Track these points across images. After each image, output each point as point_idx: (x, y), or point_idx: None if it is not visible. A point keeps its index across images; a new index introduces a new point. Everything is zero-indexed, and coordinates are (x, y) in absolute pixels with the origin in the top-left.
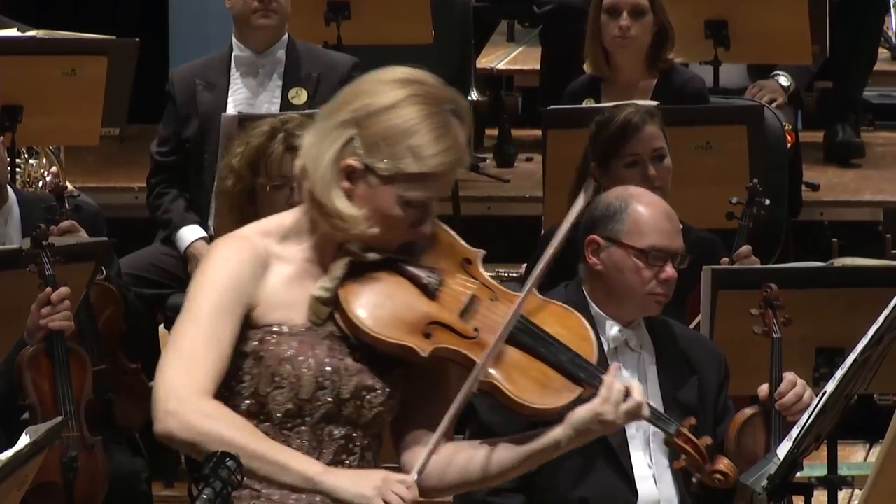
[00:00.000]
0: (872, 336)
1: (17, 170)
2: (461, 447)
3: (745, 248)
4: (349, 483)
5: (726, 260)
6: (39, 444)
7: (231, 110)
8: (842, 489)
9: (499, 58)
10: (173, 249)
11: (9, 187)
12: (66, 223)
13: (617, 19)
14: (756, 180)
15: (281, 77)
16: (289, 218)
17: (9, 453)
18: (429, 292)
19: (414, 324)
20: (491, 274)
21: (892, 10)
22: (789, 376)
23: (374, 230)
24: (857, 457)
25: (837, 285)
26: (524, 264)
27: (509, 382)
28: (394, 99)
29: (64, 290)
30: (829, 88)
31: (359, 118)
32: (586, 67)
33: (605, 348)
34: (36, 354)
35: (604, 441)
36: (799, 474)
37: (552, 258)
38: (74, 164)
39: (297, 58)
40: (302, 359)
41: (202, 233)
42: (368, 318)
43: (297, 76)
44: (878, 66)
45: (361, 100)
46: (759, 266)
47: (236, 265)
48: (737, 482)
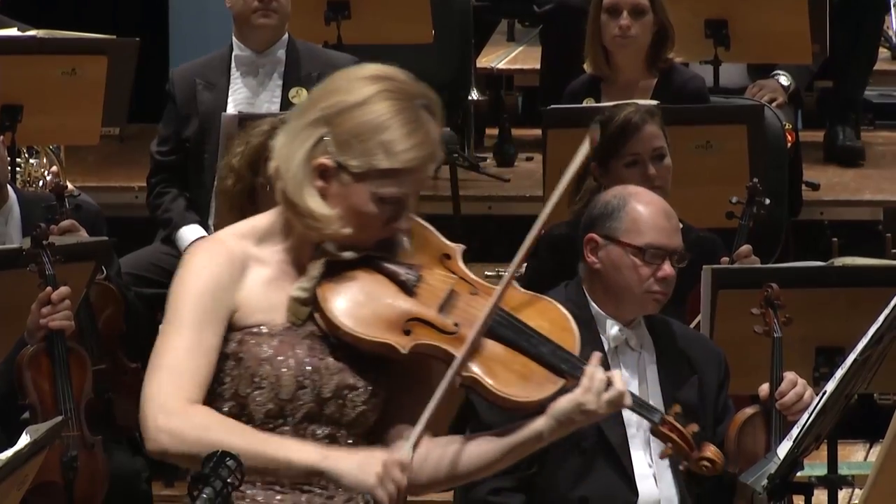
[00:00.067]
0: (872, 335)
1: (18, 169)
2: (444, 442)
3: (746, 248)
4: (352, 469)
5: (726, 259)
6: (39, 443)
7: (231, 110)
8: (842, 489)
9: (499, 57)
10: (173, 249)
11: (9, 187)
12: (67, 223)
13: (617, 19)
14: (756, 180)
15: (281, 77)
16: (265, 219)
17: (9, 453)
18: (407, 289)
19: (393, 321)
20: (491, 273)
21: (892, 9)
22: (790, 376)
23: (348, 230)
24: (857, 456)
25: (837, 285)
26: (524, 264)
27: (491, 376)
28: (364, 95)
29: (64, 290)
30: (829, 88)
31: (329, 116)
32: (586, 67)
33: (606, 347)
34: (36, 354)
35: (604, 440)
36: (799, 474)
37: (533, 242)
38: (74, 164)
39: (297, 57)
40: (281, 359)
41: (202, 232)
42: (347, 316)
43: (298, 76)
44: (879, 66)
45: (331, 98)
46: (760, 266)
47: (213, 272)
48: (724, 471)
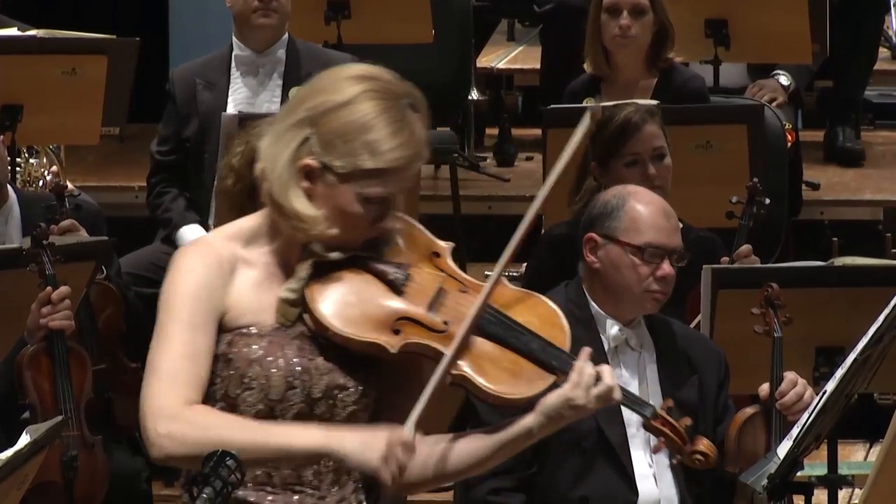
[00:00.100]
0: (872, 335)
1: (18, 169)
2: (434, 441)
3: (746, 248)
4: (356, 448)
5: (726, 259)
6: (39, 443)
7: (231, 110)
8: (842, 488)
9: (499, 57)
10: (173, 249)
11: (9, 186)
12: (67, 222)
13: (617, 18)
14: (756, 179)
15: (281, 76)
16: (252, 221)
17: (9, 452)
18: (396, 288)
19: (382, 320)
20: (491, 273)
21: (892, 9)
22: (790, 376)
23: (334, 230)
24: (857, 456)
25: (838, 284)
26: (524, 263)
27: (481, 374)
28: (349, 95)
29: (64, 290)
30: (829, 88)
31: (313, 117)
32: (586, 67)
33: (606, 347)
34: (36, 354)
35: (604, 440)
36: (799, 473)
37: (527, 232)
38: (74, 164)
39: (297, 57)
40: (271, 359)
41: (202, 232)
42: (336, 317)
43: (298, 75)
44: (879, 66)
45: (316, 98)
46: (760, 265)
47: (202, 275)
48: (724, 470)
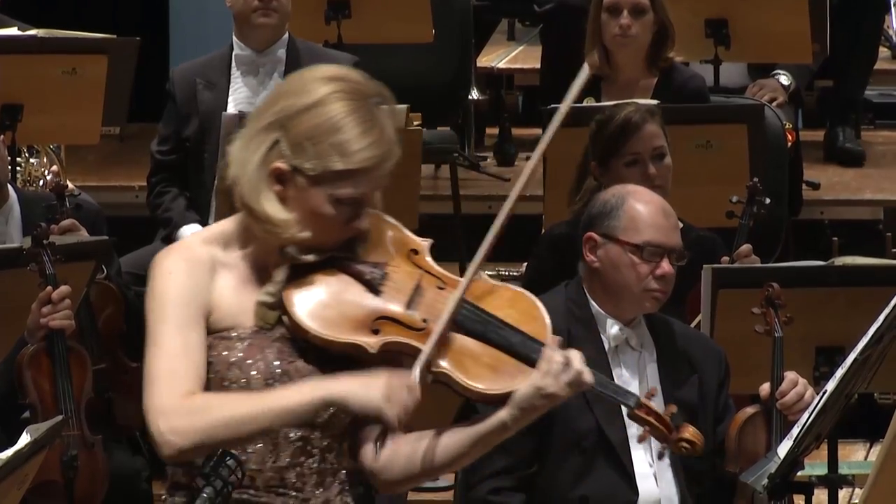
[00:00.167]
0: (873, 335)
1: (18, 168)
2: (414, 438)
3: (746, 247)
4: (356, 390)
5: (726, 259)
6: (40, 442)
7: (231, 109)
8: (842, 488)
9: (499, 57)
10: None
11: (9, 186)
12: (67, 222)
13: (617, 18)
14: (756, 179)
15: (281, 76)
16: (229, 225)
17: (9, 452)
18: (373, 287)
19: (360, 320)
20: (491, 273)
21: (892, 9)
22: (790, 375)
23: (306, 233)
24: (857, 456)
25: (838, 284)
26: (524, 263)
27: (461, 371)
28: (317, 97)
29: (64, 289)
30: (829, 88)
31: (282, 119)
32: None
33: (606, 347)
34: (36, 353)
35: (605, 440)
36: (800, 473)
37: (506, 221)
38: (75, 163)
39: (297, 56)
40: (250, 362)
41: None
42: (314, 319)
43: None
44: (879, 65)
45: (285, 101)
46: (760, 265)
47: (185, 275)
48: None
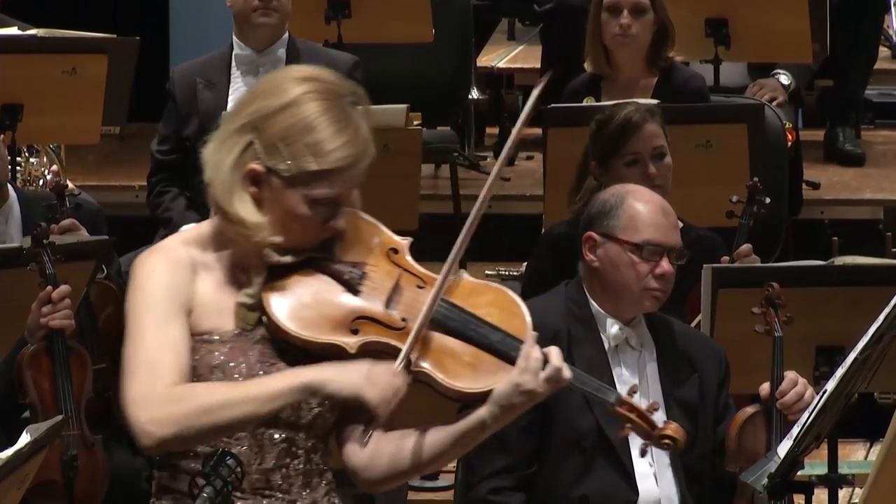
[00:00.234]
0: (873, 335)
1: (18, 168)
2: (398, 436)
3: (746, 247)
4: (335, 373)
5: (727, 258)
6: (40, 442)
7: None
8: (842, 487)
9: (499, 56)
10: None
11: (9, 186)
12: (67, 222)
13: (617, 17)
14: (756, 179)
15: None
16: (209, 226)
17: (9, 452)
18: (352, 287)
19: (339, 321)
20: (491, 273)
21: (892, 9)
22: (790, 375)
23: (277, 238)
24: (857, 455)
25: (838, 284)
26: (524, 263)
27: (441, 370)
28: (289, 97)
29: (64, 289)
30: (829, 87)
31: (256, 121)
32: (587, 66)
33: (606, 346)
34: (36, 353)
35: (605, 439)
36: (800, 473)
37: (474, 223)
38: (75, 163)
39: (297, 56)
40: (233, 365)
41: None
42: (293, 320)
43: None
44: (879, 65)
45: (257, 102)
46: (760, 265)
47: (166, 273)
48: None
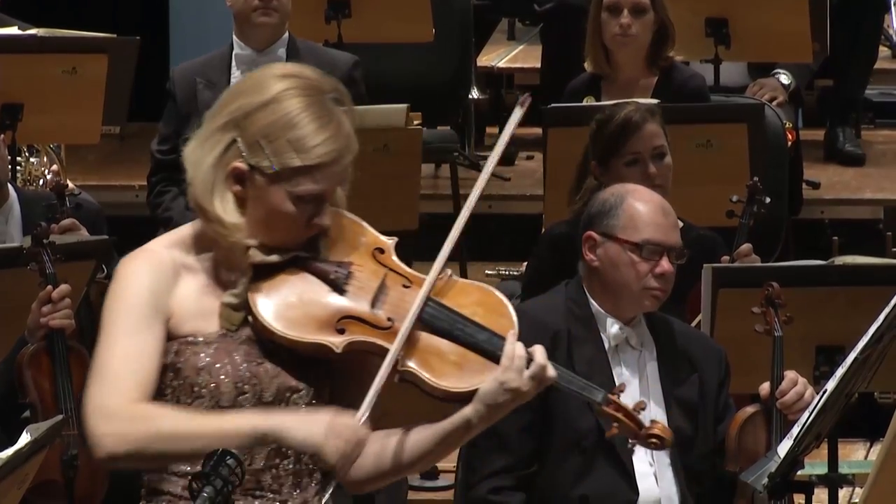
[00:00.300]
0: (873, 334)
1: (18, 168)
2: (383, 436)
3: (746, 247)
4: (296, 424)
5: (727, 258)
6: (40, 442)
7: None
8: (842, 487)
9: (499, 56)
10: None
11: (9, 185)
12: (67, 221)
13: (617, 17)
14: (756, 178)
15: None
16: (193, 228)
17: (9, 451)
18: (338, 287)
19: (325, 320)
20: (492, 273)
21: (892, 8)
22: (790, 375)
23: (252, 240)
24: (857, 455)
25: (838, 283)
26: (524, 263)
27: (427, 370)
28: (271, 94)
29: (64, 288)
30: (829, 87)
31: (238, 119)
32: (587, 65)
33: (606, 346)
34: (36, 353)
35: (605, 439)
36: (800, 472)
37: (463, 226)
38: (75, 163)
39: (297, 56)
40: (219, 366)
41: None
42: (278, 320)
43: None
44: (879, 65)
45: (239, 100)
46: (760, 264)
47: (146, 278)
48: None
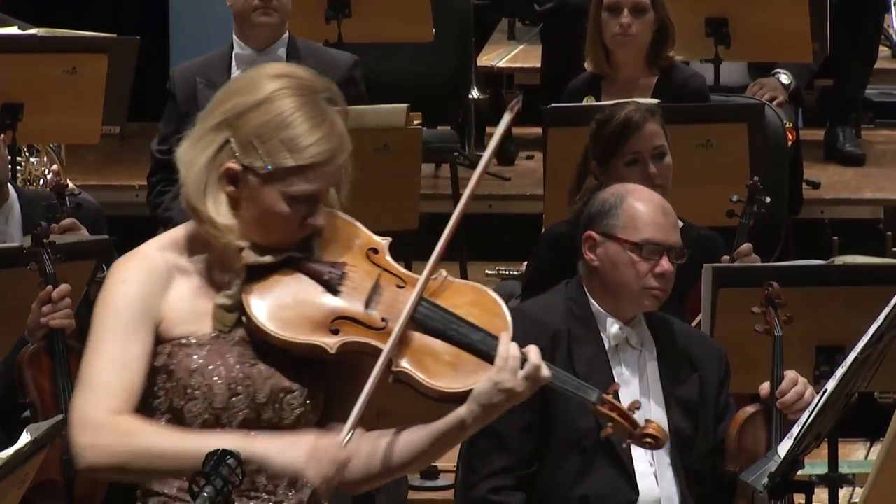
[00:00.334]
0: (873, 334)
1: (18, 168)
2: (375, 436)
3: (746, 246)
4: (278, 448)
5: (727, 258)
6: (40, 442)
7: None
8: (843, 487)
9: (499, 56)
10: None
11: (10, 185)
12: (67, 221)
13: (618, 17)
14: (756, 178)
15: None
16: (187, 229)
17: (9, 451)
18: (331, 287)
19: (319, 321)
20: (492, 273)
21: (892, 8)
22: (790, 374)
23: (242, 242)
24: (857, 455)
25: (838, 283)
26: (524, 262)
27: (421, 370)
28: (264, 94)
29: (65, 288)
30: (829, 87)
31: (230, 119)
32: (587, 65)
33: (606, 346)
34: (36, 352)
35: (605, 439)
36: (800, 472)
37: (455, 227)
38: (75, 163)
39: (297, 56)
40: (212, 368)
41: None
42: (272, 320)
43: None
44: (879, 65)
45: (232, 100)
46: (760, 264)
47: (136, 284)
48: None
